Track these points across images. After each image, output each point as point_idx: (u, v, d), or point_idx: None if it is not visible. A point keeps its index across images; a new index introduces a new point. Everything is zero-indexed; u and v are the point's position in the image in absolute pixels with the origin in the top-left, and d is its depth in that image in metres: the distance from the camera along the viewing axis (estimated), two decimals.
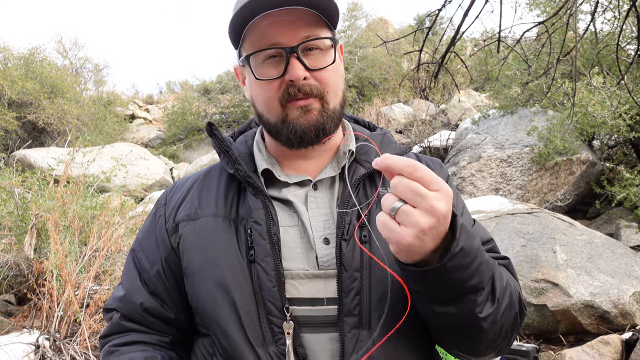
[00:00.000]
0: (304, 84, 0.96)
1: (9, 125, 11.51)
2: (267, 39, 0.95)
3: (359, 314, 0.91)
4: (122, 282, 1.09)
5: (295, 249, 0.97)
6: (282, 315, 0.91)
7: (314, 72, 0.97)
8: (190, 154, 15.59)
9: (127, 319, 1.06)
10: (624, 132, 5.42)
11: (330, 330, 0.93)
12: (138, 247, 1.10)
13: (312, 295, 0.94)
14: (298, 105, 0.97)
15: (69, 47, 20.35)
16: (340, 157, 1.07)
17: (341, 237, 0.94)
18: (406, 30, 16.31)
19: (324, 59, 0.99)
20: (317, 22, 0.98)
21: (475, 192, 6.07)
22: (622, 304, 3.17)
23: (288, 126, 0.99)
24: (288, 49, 0.94)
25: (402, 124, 10.71)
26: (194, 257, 0.99)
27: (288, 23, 0.95)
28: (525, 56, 3.98)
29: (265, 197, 0.99)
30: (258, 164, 1.06)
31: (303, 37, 0.95)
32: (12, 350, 3.09)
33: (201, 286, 0.97)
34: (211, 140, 1.09)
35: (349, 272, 0.93)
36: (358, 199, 1.01)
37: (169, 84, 25.28)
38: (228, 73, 18.31)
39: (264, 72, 0.98)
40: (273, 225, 0.96)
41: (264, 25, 0.95)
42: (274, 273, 0.93)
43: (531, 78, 5.88)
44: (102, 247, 3.78)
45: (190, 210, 1.04)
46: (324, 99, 0.99)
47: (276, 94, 0.98)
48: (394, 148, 1.10)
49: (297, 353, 0.91)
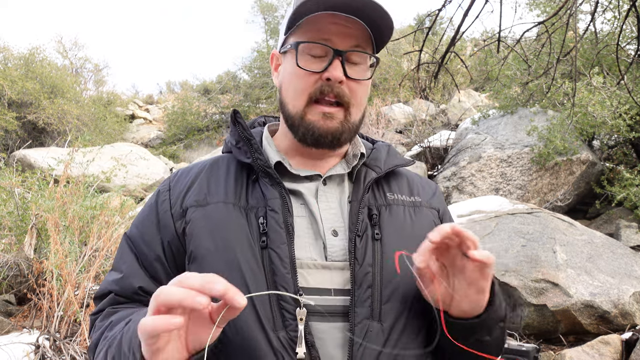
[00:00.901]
0: (337, 87, 1.01)
1: (9, 125, 11.51)
2: (322, 33, 1.01)
3: (370, 306, 0.95)
4: (117, 266, 1.07)
5: (304, 239, 1.00)
6: (295, 301, 0.94)
7: (350, 80, 1.02)
8: (190, 154, 15.59)
9: (124, 297, 1.04)
10: (624, 132, 5.42)
11: (338, 320, 0.95)
12: (135, 232, 1.09)
13: (319, 286, 0.97)
14: (322, 110, 1.03)
15: (69, 47, 20.28)
16: (349, 158, 1.12)
17: (355, 233, 0.99)
18: (406, 30, 16.30)
19: (362, 73, 1.05)
20: (368, 40, 1.05)
21: (475, 192, 6.07)
22: (622, 304, 3.17)
23: (306, 125, 1.03)
24: (337, 51, 1.00)
25: (402, 124, 10.71)
26: (202, 242, 1.00)
27: (345, 29, 1.01)
28: (525, 56, 3.98)
29: (283, 188, 1.02)
30: (270, 156, 1.09)
31: (353, 45, 1.02)
32: (12, 350, 3.09)
33: (211, 269, 0.96)
34: (232, 128, 1.12)
35: (362, 266, 0.97)
36: (368, 199, 1.06)
37: (169, 84, 25.34)
38: (228, 73, 18.33)
39: (306, 63, 1.02)
40: (289, 215, 1.00)
41: (325, 21, 1.01)
42: (289, 260, 0.96)
43: (531, 78, 5.89)
44: (102, 247, 3.78)
45: (199, 196, 1.05)
46: (348, 110, 1.04)
47: (310, 87, 1.02)
48: (400, 159, 1.16)
49: (307, 340, 0.92)
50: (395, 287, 0.99)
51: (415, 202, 1.12)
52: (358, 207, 1.03)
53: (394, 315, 0.96)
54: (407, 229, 1.05)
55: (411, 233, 1.05)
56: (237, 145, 1.10)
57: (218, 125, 16.29)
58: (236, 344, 0.95)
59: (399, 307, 0.97)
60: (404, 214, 1.07)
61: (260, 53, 15.95)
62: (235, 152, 1.10)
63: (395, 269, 0.96)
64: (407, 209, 1.09)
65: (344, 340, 0.94)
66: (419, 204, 1.12)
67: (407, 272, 0.95)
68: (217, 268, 0.97)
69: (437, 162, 7.69)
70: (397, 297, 0.98)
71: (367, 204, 1.05)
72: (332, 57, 1.00)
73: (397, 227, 1.05)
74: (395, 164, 1.13)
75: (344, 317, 0.95)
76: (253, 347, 0.93)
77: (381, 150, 1.16)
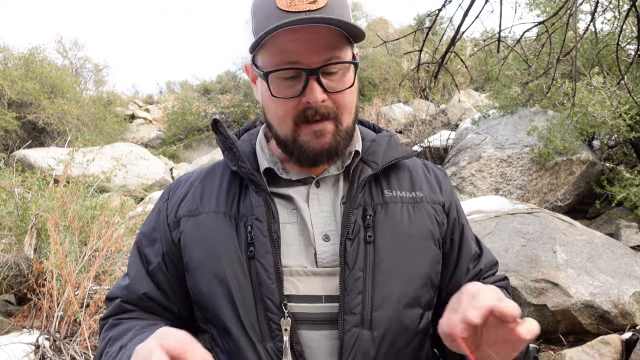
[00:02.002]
0: (321, 106, 0.94)
1: (9, 125, 11.50)
2: (287, 55, 0.92)
3: (360, 313, 0.92)
4: (128, 272, 1.10)
5: (293, 246, 0.97)
6: (280, 312, 0.92)
7: (332, 94, 0.95)
8: (190, 154, 15.58)
9: (130, 304, 1.06)
10: (624, 132, 5.41)
11: (328, 328, 0.93)
12: (143, 240, 1.10)
13: (310, 293, 0.95)
14: (312, 129, 0.96)
15: (69, 47, 20.25)
16: (345, 157, 1.06)
17: (346, 236, 0.95)
18: (406, 30, 16.30)
19: (343, 81, 0.96)
20: (341, 42, 0.94)
21: (475, 192, 6.07)
22: (622, 304, 3.17)
23: (300, 148, 0.98)
24: (308, 70, 0.91)
25: (402, 124, 10.70)
26: (194, 253, 1.00)
27: (312, 43, 0.91)
28: (525, 56, 3.98)
29: (267, 195, 0.99)
30: (260, 162, 1.06)
31: (325, 59, 0.92)
32: (12, 350, 3.09)
33: (202, 281, 0.98)
34: (216, 137, 1.09)
35: (352, 270, 0.94)
36: (363, 198, 1.01)
37: (169, 84, 25.30)
38: (228, 73, 18.31)
39: (280, 89, 0.95)
40: (274, 222, 0.97)
41: (287, 40, 0.90)
42: (273, 270, 0.94)
43: (531, 78, 5.88)
44: (102, 247, 3.78)
45: (192, 206, 1.05)
46: (338, 120, 0.97)
47: (291, 113, 0.96)
48: (401, 151, 1.10)
49: (294, 350, 0.91)
50: (388, 293, 0.95)
51: (416, 197, 1.06)
52: (350, 208, 0.98)
53: (386, 323, 0.93)
54: (404, 229, 1.01)
55: (408, 233, 1.01)
56: (224, 154, 1.08)
57: None
58: (225, 356, 0.95)
59: (391, 315, 0.94)
60: (401, 212, 1.02)
61: None
62: (225, 159, 1.09)
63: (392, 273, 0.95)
64: (406, 206, 1.04)
65: (333, 349, 0.92)
66: (419, 199, 1.06)
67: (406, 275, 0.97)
68: (207, 279, 0.98)
69: (437, 162, 7.69)
70: (390, 304, 0.94)
71: (362, 204, 1.00)
72: (306, 78, 0.92)
73: (393, 227, 1.00)
74: (394, 157, 1.07)
75: (333, 325, 0.93)
76: (243, 359, 0.92)
77: (381, 142, 1.10)
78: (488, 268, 1.15)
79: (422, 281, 1.00)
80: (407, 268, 0.98)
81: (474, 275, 1.11)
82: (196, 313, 1.05)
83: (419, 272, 1.00)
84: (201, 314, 1.02)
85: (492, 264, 1.17)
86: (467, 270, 1.10)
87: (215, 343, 0.98)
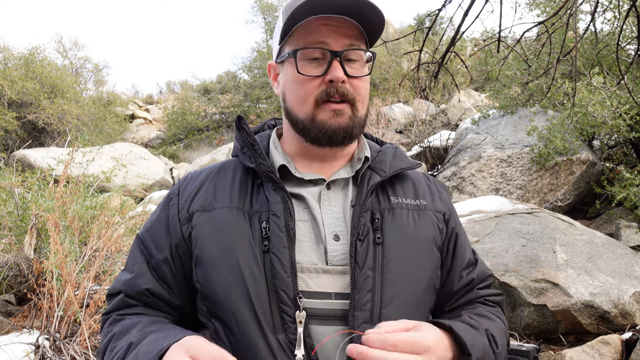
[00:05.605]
0: (341, 86, 1.03)
1: (9, 125, 11.49)
2: (316, 36, 1.03)
3: (370, 310, 0.96)
4: (128, 267, 1.12)
5: (305, 243, 1.02)
6: (294, 305, 0.96)
7: (351, 78, 1.04)
8: (190, 154, 15.58)
9: (133, 299, 1.08)
10: (624, 132, 5.41)
11: (338, 324, 0.97)
12: (146, 234, 1.12)
13: (320, 290, 0.99)
14: (331, 108, 1.04)
15: (69, 47, 20.21)
16: (354, 162, 1.14)
17: (357, 237, 1.00)
18: (406, 30, 16.30)
19: (361, 70, 1.07)
20: (361, 37, 1.07)
21: (475, 192, 6.07)
22: (622, 304, 3.17)
23: (317, 125, 1.05)
24: (333, 52, 1.02)
25: (402, 124, 10.70)
26: (207, 246, 1.03)
27: (337, 29, 1.03)
28: (525, 56, 3.98)
29: (285, 193, 1.04)
30: (275, 160, 1.11)
31: (348, 44, 1.04)
32: (12, 350, 3.09)
33: (215, 273, 1.01)
34: (236, 133, 1.15)
35: (362, 269, 0.98)
36: (372, 203, 1.07)
37: (169, 84, 25.26)
38: (228, 73, 18.32)
39: (307, 69, 1.04)
40: (291, 220, 1.01)
41: (316, 24, 1.02)
42: (289, 264, 0.97)
43: (531, 78, 5.89)
44: (102, 247, 3.78)
45: (205, 201, 1.08)
46: (354, 106, 1.06)
47: (314, 91, 1.04)
48: (407, 162, 1.17)
49: (306, 343, 0.94)
50: (396, 292, 0.99)
51: (420, 205, 1.13)
52: (360, 211, 1.03)
53: (394, 320, 0.96)
54: (410, 233, 1.06)
55: (414, 237, 1.06)
56: (242, 151, 1.13)
57: (218, 125, 16.27)
58: (236, 346, 0.96)
59: (399, 312, 0.98)
60: (407, 218, 1.08)
61: (260, 53, 15.92)
62: (241, 157, 1.13)
63: (399, 273, 0.99)
64: (411, 212, 1.10)
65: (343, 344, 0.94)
66: (423, 207, 1.13)
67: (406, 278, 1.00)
68: (220, 271, 1.00)
69: (437, 162, 7.69)
70: (398, 301, 0.99)
71: (370, 208, 1.06)
72: (331, 59, 1.02)
73: (400, 231, 1.05)
74: (400, 167, 1.15)
75: (343, 321, 0.96)
76: (252, 350, 0.94)
77: (387, 153, 1.18)
78: (481, 279, 1.20)
79: (426, 282, 1.06)
80: (413, 269, 1.04)
81: (467, 283, 1.16)
82: (200, 307, 1.07)
83: (424, 274, 1.06)
84: (207, 307, 1.03)
85: (485, 276, 1.21)
86: (459, 277, 1.15)
87: (219, 337, 1.00)
